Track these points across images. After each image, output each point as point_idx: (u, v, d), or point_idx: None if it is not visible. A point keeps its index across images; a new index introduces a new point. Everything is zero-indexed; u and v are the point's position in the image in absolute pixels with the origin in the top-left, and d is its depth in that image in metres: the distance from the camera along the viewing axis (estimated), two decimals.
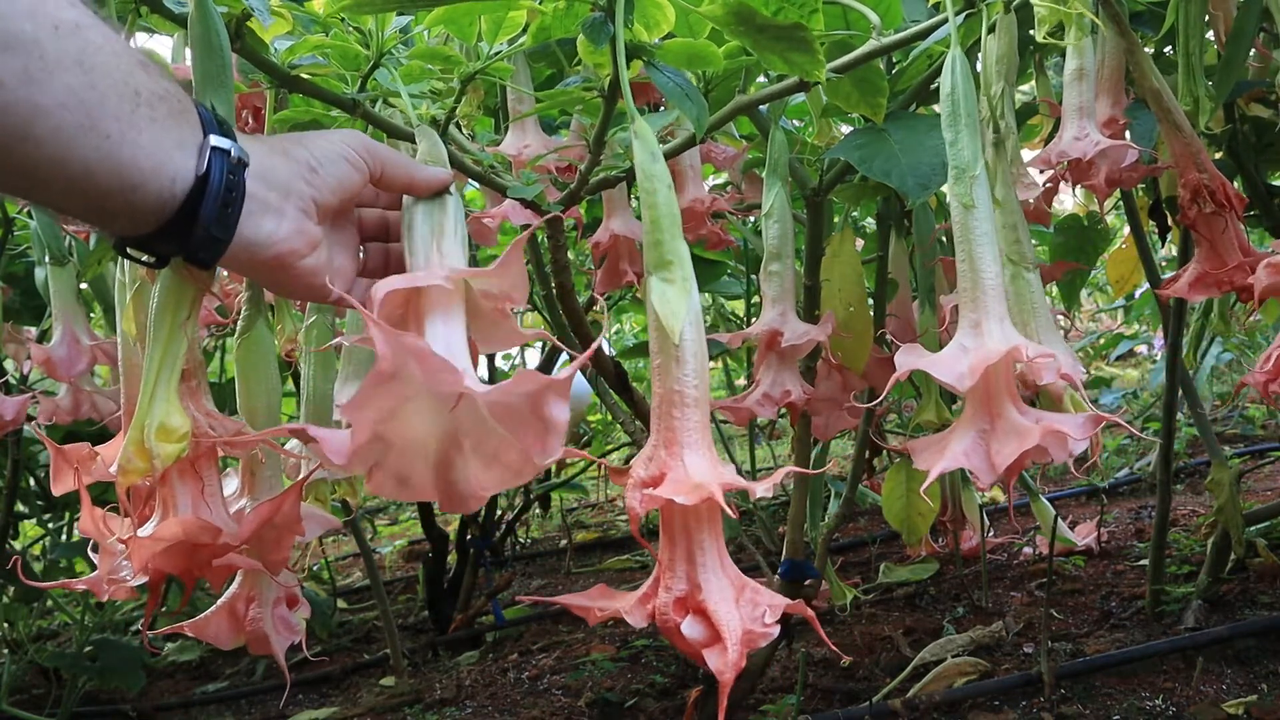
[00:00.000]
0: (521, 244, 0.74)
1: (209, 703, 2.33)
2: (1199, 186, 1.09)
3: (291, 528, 0.85)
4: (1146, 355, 4.94)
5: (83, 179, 0.63)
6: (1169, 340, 1.83)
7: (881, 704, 1.63)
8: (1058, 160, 1.22)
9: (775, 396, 1.34)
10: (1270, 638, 1.68)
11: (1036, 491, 2.26)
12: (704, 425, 0.77)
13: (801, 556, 1.67)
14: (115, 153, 0.63)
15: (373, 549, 2.94)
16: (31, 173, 0.62)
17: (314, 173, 0.75)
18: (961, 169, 0.90)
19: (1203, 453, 3.07)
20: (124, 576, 0.82)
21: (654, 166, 0.81)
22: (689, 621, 0.72)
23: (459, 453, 0.71)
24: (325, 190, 0.76)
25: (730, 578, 0.74)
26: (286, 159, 0.75)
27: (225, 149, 0.69)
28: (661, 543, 0.76)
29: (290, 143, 0.77)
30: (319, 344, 1.18)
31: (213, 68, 0.86)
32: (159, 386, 0.79)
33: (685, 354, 0.77)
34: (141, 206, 0.66)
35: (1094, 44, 1.25)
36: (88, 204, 0.65)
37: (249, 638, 0.94)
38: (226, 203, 0.69)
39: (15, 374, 2.06)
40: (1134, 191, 1.84)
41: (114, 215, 0.67)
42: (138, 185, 0.65)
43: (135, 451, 0.77)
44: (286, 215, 0.74)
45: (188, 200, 0.67)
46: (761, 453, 3.38)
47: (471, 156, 1.14)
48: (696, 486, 0.71)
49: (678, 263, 0.80)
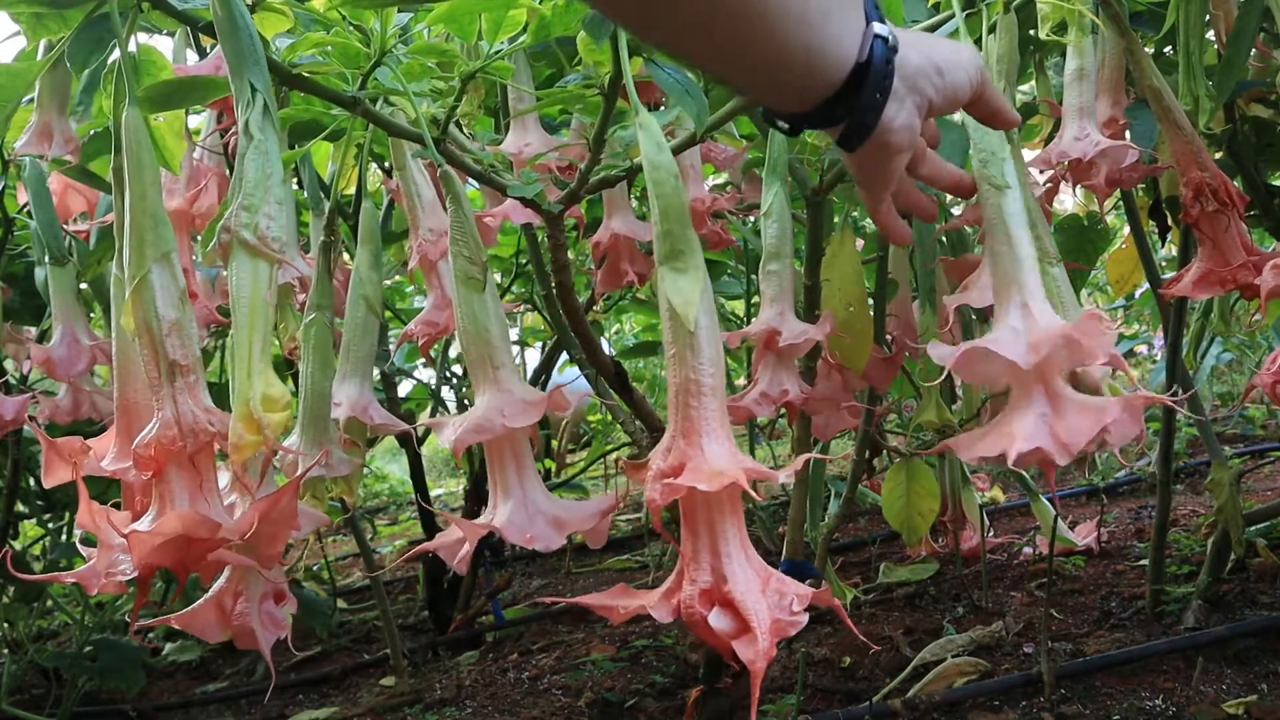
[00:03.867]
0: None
1: (209, 703, 2.32)
2: (1201, 185, 1.09)
3: (288, 523, 0.85)
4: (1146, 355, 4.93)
5: (776, 59, 0.67)
6: (1169, 340, 1.83)
7: (881, 704, 1.62)
8: (1058, 160, 1.22)
9: (773, 396, 1.34)
10: (1270, 638, 1.68)
11: (1036, 491, 2.26)
12: (722, 413, 0.76)
13: (801, 556, 1.67)
14: (813, 40, 0.67)
15: (373, 549, 2.94)
16: (737, 50, 0.65)
17: (940, 76, 0.77)
18: (990, 152, 0.89)
19: (1203, 453, 3.07)
20: (121, 570, 0.82)
21: (660, 157, 0.81)
22: (716, 613, 0.71)
23: None
24: (943, 95, 0.78)
25: (755, 568, 0.73)
26: (918, 54, 0.76)
27: (885, 36, 0.72)
28: (684, 535, 0.75)
29: (923, 41, 0.79)
30: (318, 341, 1.18)
31: (245, 47, 0.88)
32: (254, 361, 0.80)
33: (701, 341, 0.77)
34: (812, 88, 0.71)
35: (1094, 44, 1.25)
36: (770, 81, 0.70)
37: (235, 632, 0.94)
38: (879, 89, 0.72)
39: (15, 374, 2.06)
40: (1134, 191, 1.83)
41: (785, 92, 0.72)
42: (816, 69, 0.69)
43: (245, 425, 0.78)
44: (905, 107, 0.76)
45: (846, 84, 0.71)
46: (761, 453, 3.38)
47: (472, 156, 1.14)
48: (719, 473, 0.70)
49: (689, 252, 0.80)
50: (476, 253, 0.94)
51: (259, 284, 0.82)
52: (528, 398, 0.90)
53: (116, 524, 0.82)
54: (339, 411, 1.19)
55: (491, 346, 0.93)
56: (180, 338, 0.86)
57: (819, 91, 0.71)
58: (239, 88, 0.88)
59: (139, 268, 0.88)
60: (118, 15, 0.94)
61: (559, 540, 0.86)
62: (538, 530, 0.86)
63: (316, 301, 1.21)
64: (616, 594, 0.76)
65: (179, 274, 0.89)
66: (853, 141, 0.75)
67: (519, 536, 0.85)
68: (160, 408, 0.85)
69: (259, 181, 0.85)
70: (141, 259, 0.88)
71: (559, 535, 0.87)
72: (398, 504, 5.00)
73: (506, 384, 0.91)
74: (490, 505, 0.90)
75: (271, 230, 0.84)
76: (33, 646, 2.09)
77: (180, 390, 0.85)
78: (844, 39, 0.70)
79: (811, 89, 0.71)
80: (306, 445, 1.14)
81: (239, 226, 0.83)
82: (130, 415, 0.93)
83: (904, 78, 0.75)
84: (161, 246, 0.88)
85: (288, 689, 2.34)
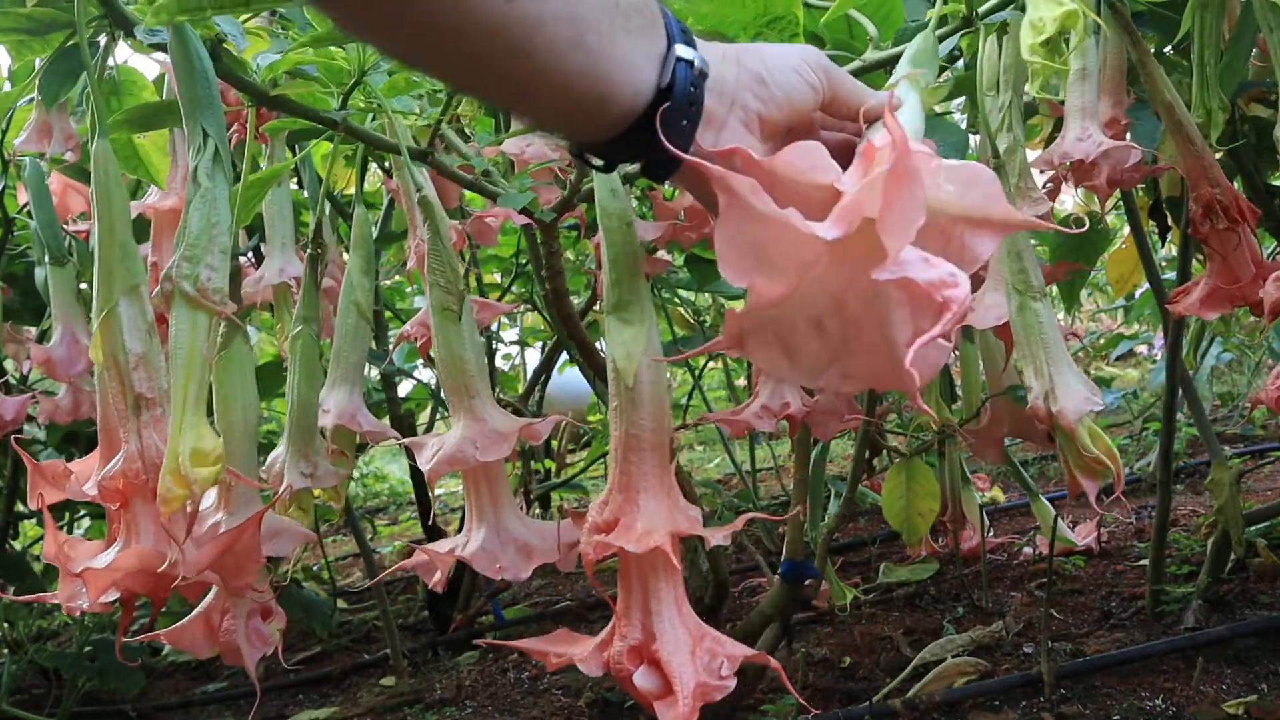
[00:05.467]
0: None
1: (209, 703, 2.32)
2: (1212, 202, 1.06)
3: (252, 556, 0.87)
4: (1146, 355, 4.94)
5: (561, 91, 0.63)
6: (1169, 340, 1.83)
7: (881, 704, 1.62)
8: (1060, 161, 1.22)
9: (774, 409, 1.34)
10: (1270, 638, 1.68)
11: (1036, 491, 2.26)
12: (661, 468, 0.75)
13: (802, 556, 1.67)
14: (594, 67, 0.63)
15: (373, 549, 2.94)
16: (522, 84, 0.63)
17: (763, 85, 0.71)
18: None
19: (1203, 453, 3.07)
20: (80, 604, 0.83)
21: (613, 203, 0.80)
22: (642, 672, 0.71)
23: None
24: (772, 105, 0.71)
25: (688, 627, 0.72)
26: (738, 68, 0.71)
27: (689, 60, 0.67)
28: (619, 589, 0.74)
29: (745, 52, 0.73)
30: (304, 354, 1.18)
31: (200, 92, 0.88)
32: (187, 414, 0.80)
33: (642, 397, 0.76)
34: (606, 117, 0.66)
35: (1096, 44, 1.25)
36: (558, 114, 0.67)
37: (222, 648, 0.95)
38: (685, 116, 0.67)
39: (15, 374, 2.06)
40: (1134, 191, 1.83)
41: (578, 125, 0.68)
42: (607, 98, 0.65)
43: (173, 479, 0.78)
44: (727, 128, 0.70)
45: (647, 112, 0.66)
46: (761, 452, 3.37)
47: (465, 160, 1.14)
48: (647, 534, 0.70)
49: (637, 302, 0.79)
50: (453, 282, 0.94)
51: (197, 336, 0.81)
52: (502, 429, 0.91)
53: (76, 558, 0.83)
54: (326, 419, 1.18)
55: (467, 375, 0.93)
56: (147, 370, 0.87)
57: (616, 121, 0.67)
58: (191, 131, 0.88)
59: (106, 300, 0.88)
60: (86, 48, 0.94)
61: (526, 570, 0.87)
62: (507, 560, 0.87)
63: (303, 314, 1.21)
64: (556, 640, 0.76)
65: (147, 307, 0.89)
66: (659, 172, 0.69)
67: (487, 567, 0.87)
68: (126, 441, 0.85)
69: (203, 231, 0.85)
70: (109, 291, 0.88)
71: (527, 565, 0.88)
72: (398, 504, 5.00)
73: (481, 413, 0.92)
74: (466, 529, 0.91)
75: (213, 282, 0.84)
76: (33, 646, 2.09)
77: (146, 424, 0.85)
78: (635, 65, 0.65)
79: (606, 119, 0.66)
80: (292, 457, 1.14)
81: (180, 278, 0.83)
82: (112, 438, 0.92)
83: (722, 97, 0.69)
84: (129, 279, 0.89)
85: (288, 689, 2.34)
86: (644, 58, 0.66)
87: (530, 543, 0.89)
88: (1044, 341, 1.00)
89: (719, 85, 0.69)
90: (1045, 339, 1.00)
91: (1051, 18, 0.80)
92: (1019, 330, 1.02)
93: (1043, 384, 1.00)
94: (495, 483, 0.91)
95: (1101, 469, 0.98)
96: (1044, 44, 0.80)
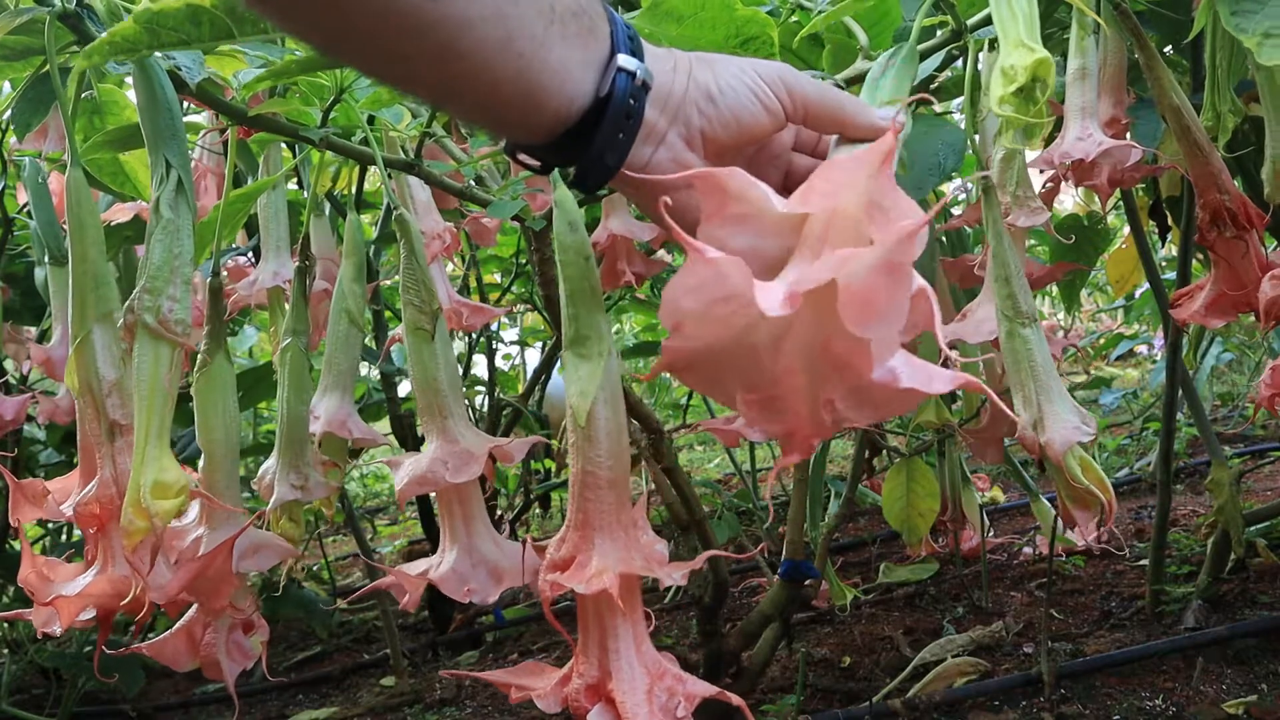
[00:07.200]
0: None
1: (209, 703, 2.32)
2: (1220, 209, 1.03)
3: (226, 580, 0.87)
4: (1146, 355, 4.94)
5: (490, 93, 0.62)
6: (1169, 340, 1.82)
7: (881, 704, 1.62)
8: (1060, 161, 1.22)
9: None
10: (1270, 638, 1.68)
11: (1036, 491, 2.26)
12: (618, 505, 0.75)
13: (802, 556, 1.67)
14: (524, 71, 0.62)
15: (373, 549, 2.94)
16: (450, 85, 0.62)
17: (711, 102, 0.68)
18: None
19: (1203, 453, 3.07)
20: (54, 629, 0.84)
21: (570, 238, 0.79)
22: (598, 710, 0.71)
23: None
24: (718, 124, 0.68)
25: (646, 666, 0.72)
26: (688, 80, 0.68)
27: (631, 70, 0.65)
28: (579, 626, 0.74)
29: (700, 64, 0.69)
30: (293, 366, 1.18)
31: (162, 124, 0.88)
32: (149, 446, 0.80)
33: (598, 434, 0.75)
34: (537, 122, 0.65)
35: (1096, 43, 1.25)
36: (488, 116, 0.66)
37: (202, 661, 0.96)
38: (621, 129, 0.65)
39: (15, 374, 2.06)
40: (1134, 191, 1.83)
41: (510, 126, 0.67)
42: (540, 103, 0.64)
43: (135, 512, 0.79)
44: (665, 143, 0.68)
45: (583, 120, 0.65)
46: (761, 452, 3.37)
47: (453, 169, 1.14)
48: (599, 575, 0.70)
49: (595, 338, 0.78)
50: (427, 301, 0.94)
51: (159, 368, 0.82)
52: (474, 449, 0.90)
53: (55, 580, 0.83)
54: (315, 426, 1.17)
55: (440, 395, 0.93)
56: (120, 397, 0.87)
57: (548, 127, 0.65)
58: (154, 162, 0.88)
59: (80, 327, 0.88)
60: (58, 76, 0.94)
61: (495, 593, 0.88)
62: (477, 583, 0.88)
63: (293, 326, 1.20)
64: (521, 672, 0.76)
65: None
66: (587, 181, 0.68)
67: (456, 590, 0.87)
68: (101, 466, 0.86)
69: (164, 263, 0.85)
70: (83, 319, 0.88)
71: (496, 588, 0.88)
72: (398, 503, 4.99)
73: (454, 433, 0.92)
74: (439, 550, 0.91)
75: (175, 313, 0.85)
76: (33, 646, 2.09)
77: (120, 450, 0.86)
78: (569, 72, 0.64)
79: (537, 124, 0.65)
80: (283, 469, 1.14)
81: (142, 310, 0.84)
82: (91, 460, 0.93)
83: (665, 110, 0.67)
84: (102, 307, 0.89)
85: (288, 689, 2.34)
86: (580, 66, 0.65)
87: (500, 565, 0.89)
88: (1033, 370, 0.98)
89: (663, 97, 0.67)
90: (1034, 367, 0.98)
91: (1023, 65, 0.76)
92: (1008, 357, 1.00)
93: (1031, 413, 0.98)
94: (468, 503, 0.91)
95: (1093, 500, 0.96)
96: (1016, 93, 0.77)
